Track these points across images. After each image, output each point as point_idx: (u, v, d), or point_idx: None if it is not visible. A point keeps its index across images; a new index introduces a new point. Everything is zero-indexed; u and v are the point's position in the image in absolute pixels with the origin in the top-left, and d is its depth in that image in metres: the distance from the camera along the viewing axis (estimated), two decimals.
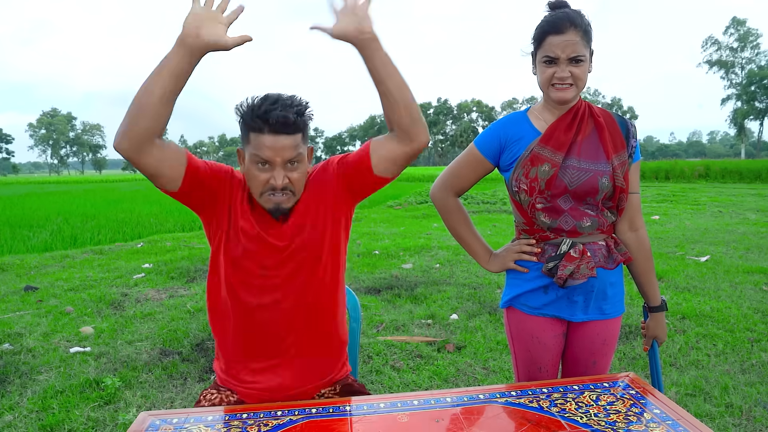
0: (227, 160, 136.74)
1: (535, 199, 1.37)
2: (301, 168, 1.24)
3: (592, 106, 1.43)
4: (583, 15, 1.33)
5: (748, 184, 21.68)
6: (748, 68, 57.40)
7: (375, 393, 2.57)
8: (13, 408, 2.41)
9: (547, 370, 1.45)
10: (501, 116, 1.81)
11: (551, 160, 1.34)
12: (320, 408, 1.08)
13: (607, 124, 1.40)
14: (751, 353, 2.95)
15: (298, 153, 1.21)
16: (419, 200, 14.38)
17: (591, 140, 1.38)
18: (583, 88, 1.35)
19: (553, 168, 1.34)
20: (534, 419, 0.99)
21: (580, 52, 1.29)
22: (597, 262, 1.36)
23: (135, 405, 2.43)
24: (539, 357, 1.45)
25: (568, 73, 1.30)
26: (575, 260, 1.33)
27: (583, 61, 1.31)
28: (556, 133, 1.37)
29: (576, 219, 1.36)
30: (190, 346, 3.16)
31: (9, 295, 4.49)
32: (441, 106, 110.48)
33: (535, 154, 1.37)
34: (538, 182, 1.35)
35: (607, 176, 1.35)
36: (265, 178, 1.20)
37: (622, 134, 1.41)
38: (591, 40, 1.34)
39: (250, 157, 1.21)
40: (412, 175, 32.49)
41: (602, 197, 1.36)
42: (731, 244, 6.41)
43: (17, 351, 3.09)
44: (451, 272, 5.08)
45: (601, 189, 1.34)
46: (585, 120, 1.39)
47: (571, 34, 1.29)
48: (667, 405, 1.00)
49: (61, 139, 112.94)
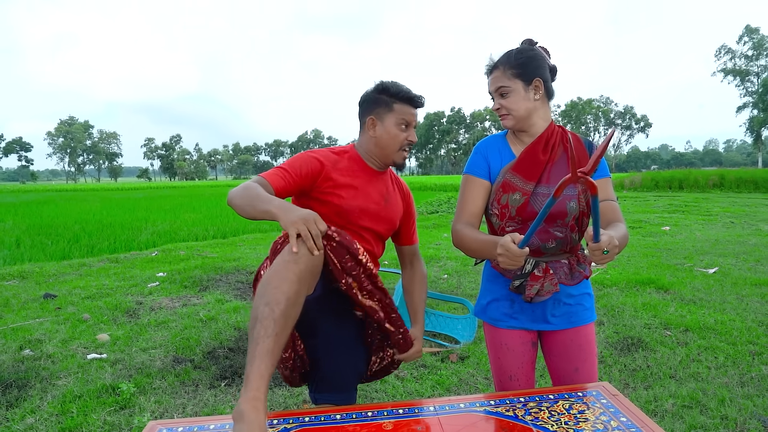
0: (241, 168, 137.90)
1: (506, 223, 1.46)
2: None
3: (565, 132, 1.51)
4: (514, 53, 1.47)
5: (764, 193, 21.40)
6: (764, 76, 56.73)
7: (378, 401, 2.65)
8: (34, 411, 2.53)
9: (518, 378, 1.52)
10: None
11: (522, 189, 1.43)
12: (312, 416, 1.17)
13: (577, 149, 1.48)
14: (752, 366, 2.98)
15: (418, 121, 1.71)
16: (429, 210, 14.45)
17: (559, 166, 1.46)
18: (524, 113, 1.46)
19: (524, 196, 1.43)
20: (507, 427, 1.07)
21: (502, 84, 1.46)
22: (560, 278, 1.45)
23: (149, 410, 2.54)
24: (509, 365, 1.52)
25: (498, 105, 1.49)
26: (540, 279, 1.42)
27: (507, 93, 1.45)
28: (527, 163, 1.45)
29: (542, 241, 1.43)
30: (202, 354, 3.27)
31: (29, 302, 4.65)
32: (454, 115, 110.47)
33: (506, 181, 1.45)
34: (509, 209, 1.45)
35: (574, 199, 1.42)
36: (405, 136, 1.64)
37: (588, 157, 1.48)
38: (526, 70, 1.45)
39: (397, 120, 1.63)
40: (424, 184, 32.53)
41: (571, 219, 1.43)
42: (741, 256, 6.39)
43: (37, 357, 3.23)
44: (458, 283, 5.16)
45: (569, 212, 1.42)
46: (555, 147, 1.47)
47: (496, 72, 1.49)
48: (636, 415, 1.08)
49: (79, 147, 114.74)
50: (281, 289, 1.17)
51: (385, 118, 1.64)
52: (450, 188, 28.83)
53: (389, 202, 1.71)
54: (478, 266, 5.96)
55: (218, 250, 7.73)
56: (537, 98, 1.46)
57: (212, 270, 5.87)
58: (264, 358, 1.11)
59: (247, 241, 8.83)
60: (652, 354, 3.19)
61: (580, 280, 1.47)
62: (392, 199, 1.74)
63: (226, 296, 4.73)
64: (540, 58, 1.48)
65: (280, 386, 2.82)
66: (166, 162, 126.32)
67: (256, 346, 1.13)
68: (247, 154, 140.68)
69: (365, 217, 1.64)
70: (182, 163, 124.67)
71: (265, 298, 1.17)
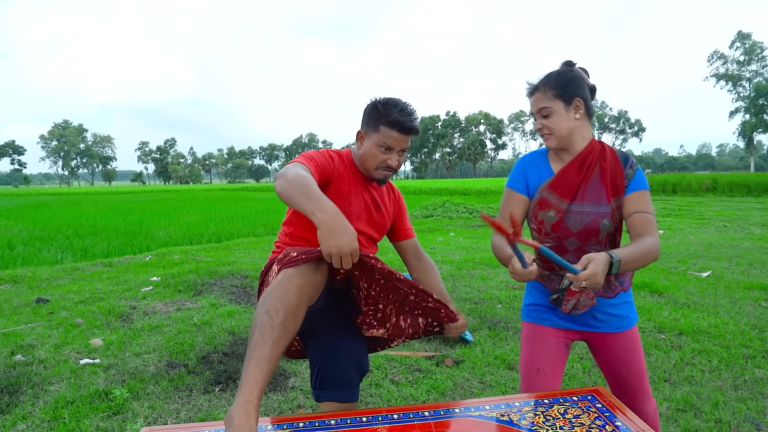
0: (236, 172, 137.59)
1: (542, 239, 1.53)
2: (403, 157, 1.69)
3: (605, 149, 1.55)
4: (554, 74, 1.52)
5: (756, 197, 21.56)
6: (756, 81, 57.24)
7: (373, 406, 2.65)
8: (25, 417, 2.51)
9: (545, 373, 1.55)
10: (509, 128, 1.95)
11: (557, 206, 1.50)
12: (307, 422, 1.17)
13: (610, 169, 1.52)
14: (745, 369, 2.99)
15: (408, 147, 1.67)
16: (425, 214, 14.46)
17: (594, 184, 1.51)
18: (565, 132, 1.50)
19: (558, 214, 1.50)
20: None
21: (544, 105, 1.51)
22: (597, 292, 1.50)
23: (142, 416, 2.52)
24: (539, 358, 1.58)
25: (540, 125, 1.53)
26: (576, 294, 1.47)
27: (549, 114, 1.49)
28: (563, 181, 1.51)
29: (579, 256, 1.49)
30: (196, 359, 3.25)
31: (21, 306, 4.61)
32: (450, 119, 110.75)
33: (543, 198, 1.52)
34: (544, 225, 1.53)
35: (608, 217, 1.48)
36: (384, 158, 1.62)
37: (622, 176, 1.52)
38: (567, 91, 1.49)
39: (379, 142, 1.60)
40: (419, 188, 32.57)
41: (605, 236, 1.49)
42: (734, 260, 6.43)
43: (29, 362, 3.20)
44: (453, 287, 5.16)
45: (603, 229, 1.48)
46: (592, 166, 1.52)
47: (537, 94, 1.53)
48: (630, 419, 1.08)
49: (72, 151, 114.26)
50: (282, 300, 1.19)
51: (370, 136, 1.64)
52: (445, 192, 28.87)
53: (380, 211, 1.75)
54: (474, 270, 5.98)
55: (213, 254, 7.70)
56: (578, 117, 1.51)
57: (206, 274, 5.84)
58: (260, 364, 1.12)
59: (241, 245, 8.80)
60: (646, 357, 3.19)
61: (617, 292, 1.54)
62: (384, 205, 1.77)
63: (221, 300, 4.71)
64: (579, 78, 1.53)
65: (274, 391, 2.81)
66: (160, 166, 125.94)
67: (253, 351, 1.14)
68: (241, 158, 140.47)
69: (361, 221, 1.67)
70: (177, 167, 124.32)
71: (265, 306, 1.19)
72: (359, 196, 1.68)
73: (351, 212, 1.64)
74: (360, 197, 1.68)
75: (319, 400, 1.52)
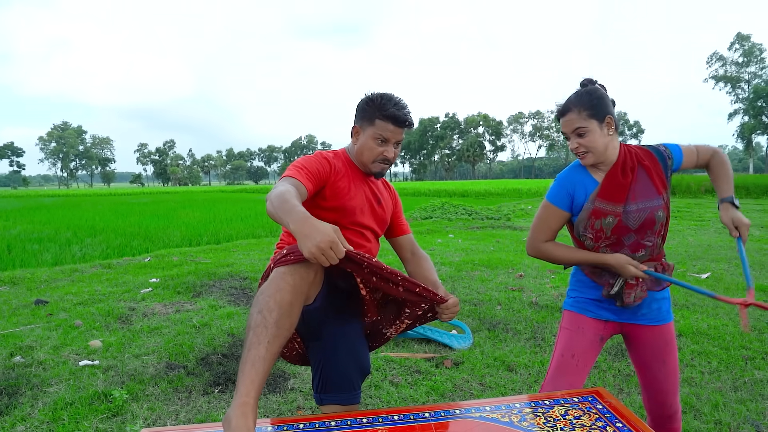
0: (234, 173, 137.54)
1: (600, 243, 1.61)
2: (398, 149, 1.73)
3: (631, 150, 1.64)
4: (584, 94, 1.57)
5: (755, 199, 21.58)
6: (754, 83, 57.37)
7: (372, 407, 2.64)
8: (25, 419, 2.50)
9: (579, 359, 1.63)
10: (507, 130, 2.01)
11: (613, 212, 1.58)
12: (307, 423, 1.16)
13: (651, 165, 1.62)
14: (745, 371, 3.00)
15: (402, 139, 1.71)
16: (424, 216, 14.46)
17: (642, 182, 1.60)
18: (602, 149, 1.57)
19: (616, 218, 1.58)
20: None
21: (579, 125, 1.57)
22: (648, 285, 1.62)
23: (141, 417, 2.52)
24: (576, 345, 1.66)
25: (576, 144, 1.59)
26: (634, 287, 1.59)
27: (584, 133, 1.56)
28: (612, 187, 1.59)
29: (633, 251, 1.60)
30: (195, 360, 3.25)
31: (20, 308, 4.60)
32: (449, 121, 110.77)
33: (596, 208, 1.59)
34: (603, 231, 1.60)
35: (661, 209, 1.58)
36: (381, 151, 1.66)
37: (662, 168, 1.63)
38: (599, 110, 1.56)
39: (375, 135, 1.64)
40: (418, 190, 32.59)
41: (659, 227, 1.59)
42: (733, 261, 6.43)
43: (28, 364, 3.19)
44: (452, 288, 5.16)
45: (657, 220, 1.58)
46: (634, 168, 1.60)
47: (570, 115, 1.59)
48: (631, 420, 1.08)
49: (71, 153, 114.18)
50: (275, 298, 1.19)
51: (366, 129, 1.68)
52: (443, 194, 28.88)
53: (381, 205, 1.78)
54: (473, 271, 5.98)
55: (212, 256, 7.70)
56: (611, 133, 1.59)
57: (205, 276, 5.84)
58: (255, 365, 1.12)
59: (240, 247, 8.79)
60: None
61: (665, 286, 1.64)
62: (384, 199, 1.81)
63: (220, 302, 4.71)
64: (606, 96, 1.61)
65: (273, 392, 2.81)
66: (159, 167, 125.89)
67: (248, 352, 1.14)
68: (240, 160, 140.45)
69: (365, 215, 1.70)
70: (175, 169, 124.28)
71: (258, 306, 1.19)
72: (360, 191, 1.71)
73: (354, 207, 1.66)
74: (360, 192, 1.71)
75: (321, 404, 1.51)
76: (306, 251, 1.15)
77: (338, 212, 1.65)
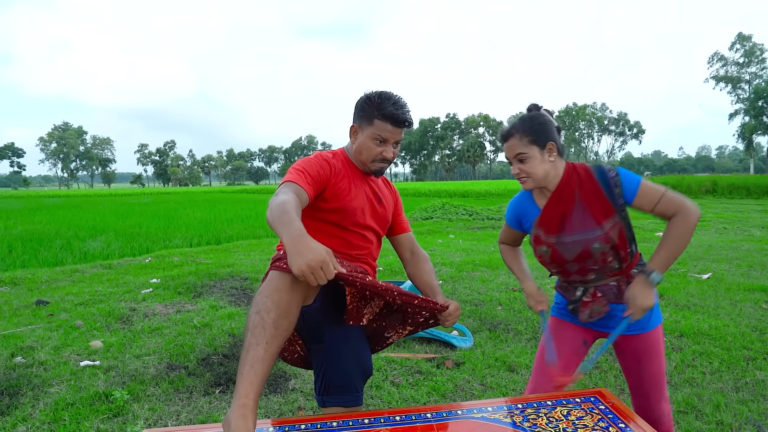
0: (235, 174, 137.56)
1: (548, 267, 1.65)
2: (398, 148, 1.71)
3: (580, 175, 1.58)
4: (527, 120, 1.57)
5: (756, 200, 21.56)
6: (755, 83, 57.34)
7: (373, 408, 2.64)
8: (26, 419, 2.50)
9: (559, 359, 1.65)
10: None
11: (546, 242, 1.61)
12: (309, 424, 1.16)
13: (592, 192, 1.54)
14: (746, 371, 2.99)
15: (401, 138, 1.69)
16: (424, 216, 14.45)
17: (578, 212, 1.55)
18: (542, 175, 1.55)
19: (549, 248, 1.60)
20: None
21: (520, 150, 1.56)
22: (610, 299, 1.60)
23: (142, 418, 2.51)
24: (559, 346, 1.68)
25: (517, 170, 1.59)
26: (589, 304, 1.61)
27: (525, 159, 1.54)
28: (547, 217, 1.60)
29: (582, 275, 1.61)
30: (196, 361, 3.25)
31: (21, 309, 4.60)
32: (449, 121, 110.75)
33: (535, 235, 1.62)
34: (542, 258, 1.64)
35: (599, 241, 1.52)
36: (379, 150, 1.64)
37: (606, 196, 1.53)
38: (540, 136, 1.54)
39: (373, 135, 1.62)
40: (418, 190, 32.58)
41: (599, 256, 1.54)
42: (734, 261, 6.43)
43: (29, 364, 3.19)
44: (453, 289, 5.16)
45: (594, 252, 1.53)
46: (572, 197, 1.57)
47: (512, 140, 1.58)
48: (633, 420, 1.07)
49: (72, 153, 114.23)
50: (272, 299, 1.18)
51: (364, 129, 1.66)
52: (444, 194, 28.88)
53: (382, 204, 1.77)
54: (474, 272, 5.98)
55: (212, 257, 7.70)
56: (552, 159, 1.58)
57: (206, 276, 5.84)
58: (254, 366, 1.12)
59: (241, 247, 8.79)
60: None
61: (625, 300, 1.59)
62: (385, 197, 1.80)
63: (220, 302, 4.71)
64: (549, 122, 1.59)
65: (274, 393, 2.81)
66: (159, 168, 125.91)
67: (247, 353, 1.14)
68: (240, 160, 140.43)
69: (366, 215, 1.68)
70: (176, 169, 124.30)
71: (256, 307, 1.18)
72: (360, 191, 1.69)
73: (355, 208, 1.65)
74: (361, 191, 1.70)
75: (323, 406, 1.51)
76: (296, 268, 1.12)
77: (339, 213, 1.63)
